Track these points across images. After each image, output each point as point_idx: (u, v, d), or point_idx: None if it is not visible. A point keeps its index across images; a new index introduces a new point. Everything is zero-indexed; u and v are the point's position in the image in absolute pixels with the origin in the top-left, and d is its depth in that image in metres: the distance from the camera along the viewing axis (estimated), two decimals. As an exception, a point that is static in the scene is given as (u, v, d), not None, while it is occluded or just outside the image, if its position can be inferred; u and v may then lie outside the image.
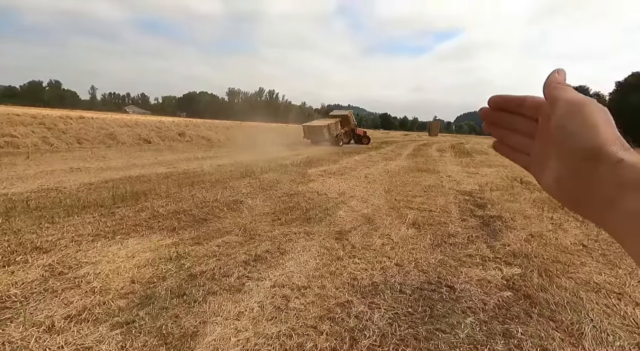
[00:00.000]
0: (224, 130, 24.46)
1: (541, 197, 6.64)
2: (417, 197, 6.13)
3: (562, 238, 4.05)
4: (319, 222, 4.35)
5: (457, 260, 3.27)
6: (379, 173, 9.08)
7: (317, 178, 7.77)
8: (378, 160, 12.78)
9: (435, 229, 4.24)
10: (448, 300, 2.51)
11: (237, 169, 8.47)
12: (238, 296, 2.43)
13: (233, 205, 4.94)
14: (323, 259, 3.16)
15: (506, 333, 2.10)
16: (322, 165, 10.17)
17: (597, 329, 2.16)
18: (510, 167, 12.21)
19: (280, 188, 6.34)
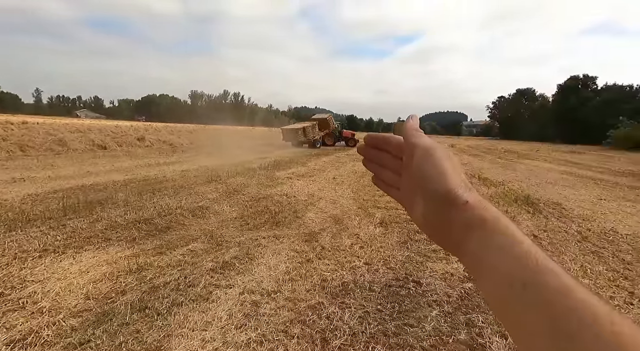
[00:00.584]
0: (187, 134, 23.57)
1: (497, 192, 7.09)
2: (384, 197, 6.28)
3: (516, 230, 4.34)
4: (288, 225, 4.32)
5: (422, 256, 3.39)
6: (347, 175, 9.20)
7: (286, 181, 7.72)
8: (346, 161, 12.96)
9: (401, 227, 4.37)
10: (415, 294, 2.59)
11: (202, 174, 8.20)
12: (205, 306, 2.34)
13: (198, 212, 4.77)
14: (293, 262, 3.14)
15: (469, 323, 2.21)
16: (291, 168, 10.13)
17: (548, 312, 2.34)
18: (469, 165, 12.92)
19: (248, 193, 6.22)
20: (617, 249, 3.71)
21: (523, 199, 6.30)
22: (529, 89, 75.04)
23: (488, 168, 11.94)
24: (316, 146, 20.08)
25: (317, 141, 20.46)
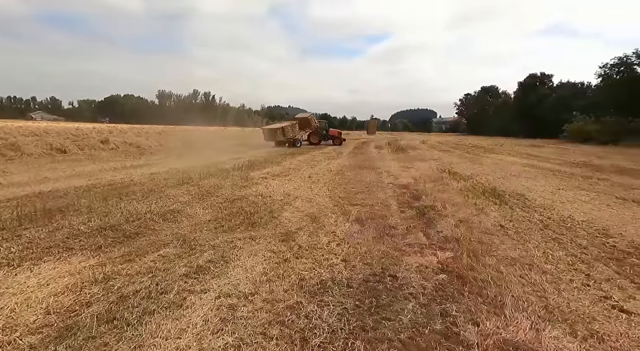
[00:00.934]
0: (155, 135, 22.60)
1: (466, 185, 7.38)
2: (359, 194, 6.36)
3: (485, 221, 4.54)
4: (264, 225, 4.26)
5: (398, 250, 3.46)
6: (322, 173, 9.22)
7: (261, 181, 7.61)
8: (321, 160, 12.99)
9: (377, 223, 4.44)
10: (392, 288, 2.64)
11: (172, 176, 7.90)
12: (179, 313, 2.25)
13: (170, 216, 4.59)
14: (270, 263, 3.09)
15: (443, 313, 2.28)
16: (265, 168, 10.00)
17: (515, 298, 2.46)
18: (439, 160, 13.36)
19: (221, 194, 6.07)
20: (575, 235, 3.97)
21: (490, 192, 6.60)
22: (492, 87, 78.73)
23: (457, 163, 12.40)
24: (296, 145, 20.23)
25: (298, 140, 20.65)
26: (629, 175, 9.92)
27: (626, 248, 3.54)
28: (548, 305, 2.36)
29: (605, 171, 10.82)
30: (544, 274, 2.88)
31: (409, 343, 1.97)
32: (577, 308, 2.32)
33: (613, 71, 36.70)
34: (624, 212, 5.11)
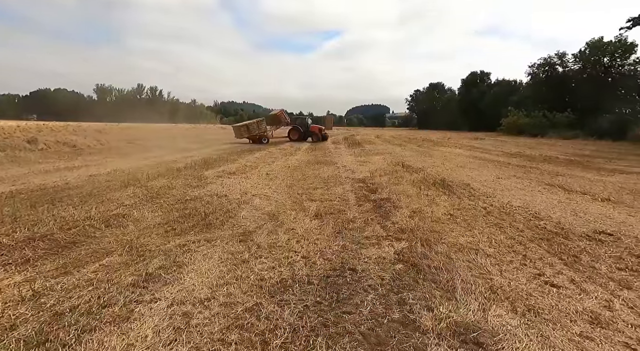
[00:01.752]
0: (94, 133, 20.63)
1: (418, 177, 7.76)
2: (317, 189, 6.38)
3: (436, 211, 4.81)
4: (220, 226, 4.09)
5: (357, 243, 3.52)
6: (280, 169, 9.11)
7: (216, 180, 7.31)
8: (278, 156, 12.82)
9: (336, 217, 4.48)
10: (351, 282, 2.67)
11: (116, 178, 7.27)
12: (126, 327, 2.07)
13: (113, 221, 4.21)
14: (227, 265, 2.97)
15: (400, 302, 2.36)
16: (220, 166, 9.62)
17: (464, 282, 2.63)
18: (393, 154, 13.89)
19: (172, 195, 5.72)
20: (513, 220, 4.36)
21: (440, 183, 7.01)
22: (439, 83, 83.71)
23: (410, 156, 13.00)
24: (262, 142, 20.32)
25: (264, 137, 20.64)
26: (554, 163, 11.16)
27: (554, 229, 3.97)
28: (492, 285, 2.55)
29: (535, 160, 12.05)
30: (488, 257, 3.12)
31: (369, 334, 2.01)
32: (516, 287, 2.54)
33: (540, 70, 40.94)
34: (552, 197, 5.73)
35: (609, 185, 6.76)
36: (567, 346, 1.83)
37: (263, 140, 20.41)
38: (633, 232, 3.78)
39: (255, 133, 20.45)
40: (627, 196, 5.73)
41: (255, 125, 20.64)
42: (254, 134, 20.41)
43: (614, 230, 3.83)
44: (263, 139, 20.44)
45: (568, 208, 4.90)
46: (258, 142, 20.36)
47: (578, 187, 6.53)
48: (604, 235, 3.70)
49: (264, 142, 20.28)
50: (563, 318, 2.11)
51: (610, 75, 35.25)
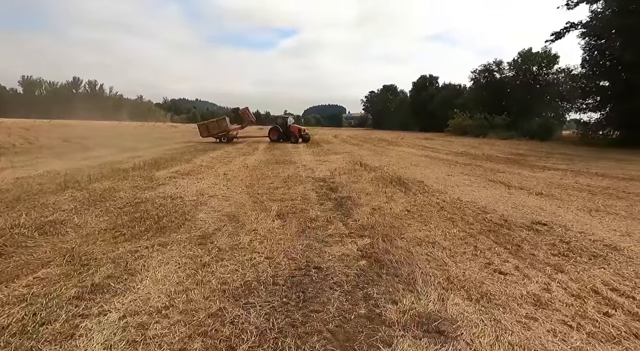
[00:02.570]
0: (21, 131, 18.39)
1: (376, 176, 8.01)
2: (278, 189, 6.29)
3: (394, 207, 5.00)
4: (176, 229, 3.85)
5: (320, 242, 3.53)
6: (237, 169, 8.84)
7: (168, 181, 6.88)
8: (235, 156, 12.45)
9: (298, 216, 4.45)
10: (317, 280, 2.67)
11: (50, 181, 6.53)
12: (69, 345, 1.85)
13: (49, 228, 3.77)
14: (186, 270, 2.81)
15: (366, 297, 2.41)
16: (173, 166, 9.09)
17: (424, 274, 2.77)
18: (351, 153, 14.19)
19: (120, 198, 5.27)
20: (463, 213, 4.68)
21: (397, 180, 7.30)
22: (392, 85, 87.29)
23: (367, 156, 13.38)
24: (222, 140, 19.91)
25: (225, 136, 20.13)
26: (495, 161, 12.21)
27: (498, 221, 4.33)
28: (449, 276, 2.71)
29: (479, 159, 13.09)
30: (444, 250, 3.31)
31: (337, 331, 2.02)
32: (470, 276, 2.72)
33: (480, 76, 44.52)
34: (495, 192, 6.25)
35: (541, 181, 7.56)
36: (516, 327, 2.01)
37: (222, 138, 19.94)
38: (562, 222, 4.26)
39: (216, 132, 20.09)
40: (555, 190, 6.45)
41: (215, 124, 20.40)
42: (213, 133, 20.09)
43: (547, 221, 4.28)
44: (222, 138, 19.94)
45: (509, 202, 5.38)
46: (219, 140, 19.97)
47: (516, 183, 7.20)
48: (539, 225, 4.12)
49: (223, 141, 19.82)
50: (511, 302, 2.31)
51: (538, 83, 39.48)
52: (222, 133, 20.02)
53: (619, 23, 18.10)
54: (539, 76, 39.68)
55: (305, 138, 21.18)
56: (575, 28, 21.52)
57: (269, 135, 21.72)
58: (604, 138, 21.48)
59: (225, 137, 19.97)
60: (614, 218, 4.45)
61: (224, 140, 19.86)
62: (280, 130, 21.12)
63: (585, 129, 23.19)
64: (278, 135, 21.08)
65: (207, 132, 20.13)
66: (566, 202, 5.43)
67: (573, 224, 4.16)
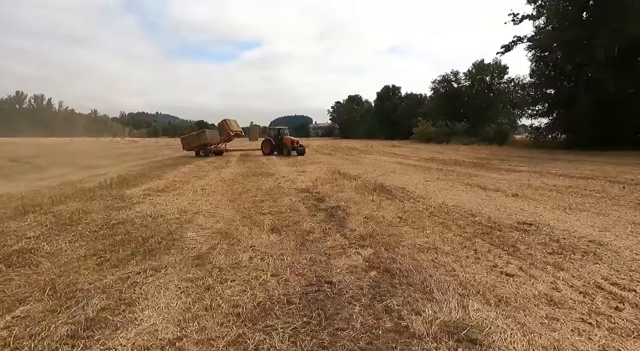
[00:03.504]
0: (-40, 150, 16.45)
1: (358, 184, 8.07)
2: (264, 202, 6.12)
3: (386, 215, 5.03)
4: (166, 251, 3.58)
5: (323, 254, 3.45)
6: (215, 183, 8.52)
7: (143, 199, 6.45)
8: (209, 170, 12.01)
9: (293, 229, 4.33)
10: (333, 295, 2.58)
11: (5, 205, 5.88)
12: (77, 394, 1.62)
13: (18, 259, 3.35)
14: (190, 295, 2.60)
15: (387, 309, 2.36)
16: (144, 183, 8.56)
17: (437, 281, 2.77)
18: (326, 163, 14.25)
19: (93, 220, 4.84)
20: (453, 218, 4.83)
21: (379, 188, 7.40)
22: (357, 96, 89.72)
23: (342, 164, 13.50)
24: (200, 154, 18.84)
25: (203, 149, 19.20)
26: (463, 166, 12.84)
27: (487, 223, 4.51)
28: (462, 281, 2.75)
29: (448, 164, 13.69)
30: (447, 255, 3.36)
31: (370, 348, 1.95)
32: (480, 280, 2.78)
33: (440, 86, 47.12)
34: (474, 195, 6.53)
35: (512, 183, 8.03)
36: (542, 329, 2.06)
37: (202, 152, 19.05)
38: (545, 221, 4.52)
39: (194, 146, 19.33)
40: (527, 190, 6.87)
41: (194, 137, 19.67)
42: (192, 146, 19.37)
43: (532, 221, 4.53)
44: (202, 152, 19.06)
45: (491, 204, 5.64)
46: (197, 154, 19.10)
47: (491, 185, 7.59)
48: (526, 225, 4.34)
49: (202, 154, 18.94)
50: (527, 303, 2.37)
51: (492, 91, 42.55)
52: (201, 147, 19.20)
53: (558, 37, 20.09)
54: (492, 85, 42.80)
55: (300, 151, 19.31)
56: (522, 41, 23.57)
57: (261, 148, 20.71)
58: (552, 141, 23.47)
59: (204, 150, 19.11)
60: (587, 215, 4.81)
61: (203, 153, 18.97)
62: (273, 143, 19.83)
63: (537, 133, 25.24)
64: (271, 147, 19.85)
65: (188, 145, 19.51)
66: (541, 201, 5.80)
67: (555, 223, 4.43)
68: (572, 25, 18.91)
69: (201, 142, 19.22)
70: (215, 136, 19.80)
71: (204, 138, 19.21)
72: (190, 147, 19.54)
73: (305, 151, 19.65)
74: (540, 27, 22.08)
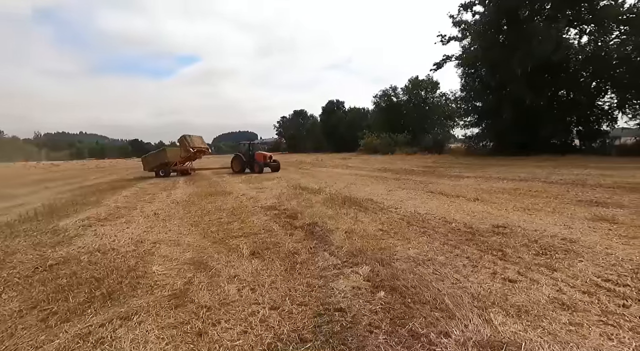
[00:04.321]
0: None
1: (325, 198, 7.90)
2: (231, 223, 5.61)
3: (367, 228, 4.91)
4: (131, 292, 2.98)
5: (319, 278, 3.16)
6: (168, 207, 7.68)
7: (84, 230, 5.50)
8: (156, 192, 10.89)
9: (276, 252, 3.97)
10: (348, 325, 2.32)
11: None
12: None
13: None
14: (180, 346, 2.12)
15: (413, 334, 2.17)
16: (80, 212, 7.39)
17: (449, 295, 2.67)
18: (283, 178, 13.89)
19: (21, 262, 3.93)
20: (432, 226, 4.88)
21: (347, 200, 7.31)
22: (302, 110, 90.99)
23: (300, 178, 13.27)
24: (160, 175, 17.48)
25: (163, 169, 17.55)
26: (415, 174, 13.49)
27: (465, 229, 4.63)
28: (472, 293, 2.68)
29: (401, 173, 14.30)
30: (444, 266, 3.31)
31: (414, 383, 1.73)
32: (489, 289, 2.74)
33: (381, 100, 50.01)
34: (440, 202, 6.78)
35: (467, 188, 8.56)
36: (573, 337, 2.03)
37: (161, 172, 17.43)
38: (513, 223, 4.79)
39: (153, 166, 17.72)
40: (484, 195, 7.35)
41: (153, 157, 18.07)
42: (151, 166, 17.77)
43: (503, 223, 4.76)
44: (161, 172, 17.43)
45: (459, 210, 5.87)
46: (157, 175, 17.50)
47: (450, 192, 7.99)
48: (500, 228, 4.54)
49: (161, 175, 17.32)
50: (544, 310, 2.36)
51: (427, 105, 46.35)
52: (161, 166, 17.48)
53: (482, 57, 22.69)
54: (427, 99, 46.67)
55: (273, 167, 17.60)
56: (450, 60, 26.13)
57: (231, 166, 18.71)
58: (483, 149, 26.09)
59: (164, 170, 17.39)
60: (545, 214, 5.23)
61: (162, 173, 17.29)
62: (244, 159, 17.91)
63: (469, 142, 27.89)
64: (241, 164, 17.88)
65: (149, 165, 17.97)
66: (501, 204, 6.21)
67: (523, 224, 4.71)
68: (493, 46, 21.53)
69: (160, 161, 17.53)
70: (177, 154, 18.05)
71: (164, 157, 17.54)
72: (150, 167, 17.84)
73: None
74: (466, 47, 24.75)
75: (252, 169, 17.58)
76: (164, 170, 17.54)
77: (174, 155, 17.85)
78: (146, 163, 18.18)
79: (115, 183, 14.98)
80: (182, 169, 18.32)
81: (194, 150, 17.62)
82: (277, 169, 17.68)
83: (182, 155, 17.78)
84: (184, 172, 18.41)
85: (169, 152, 17.91)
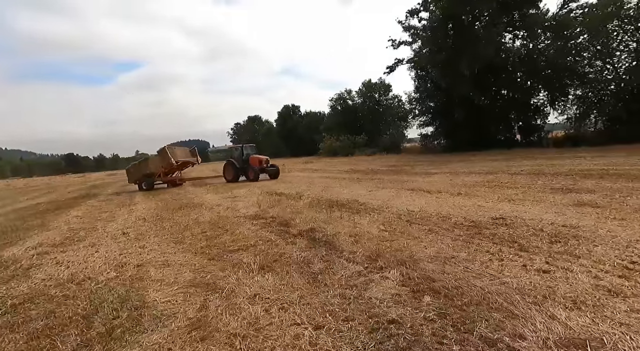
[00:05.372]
0: None
1: (308, 202, 7.62)
2: (219, 236, 5.12)
3: (370, 230, 4.74)
4: (136, 326, 2.47)
5: (349, 287, 2.91)
6: (135, 224, 6.86)
7: (40, 259, 4.66)
8: (113, 209, 9.76)
9: (286, 264, 3.63)
10: (411, 338, 2.10)
11: None
12: None
13: None
14: (232, 392, 1.75)
15: (486, 340, 1.99)
16: (26, 238, 6.31)
17: (496, 293, 2.59)
18: (254, 185, 13.30)
19: (-31, 307, 3.13)
20: (434, 222, 4.86)
21: (335, 203, 7.12)
22: (257, 116, 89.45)
23: (271, 185, 12.81)
24: (142, 188, 15.62)
25: (144, 182, 15.68)
26: (385, 174, 13.75)
27: (467, 223, 4.68)
28: (517, 288, 2.62)
29: (371, 173, 14.50)
30: (470, 262, 3.25)
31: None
32: (530, 283, 2.70)
33: (337, 103, 50.88)
34: (426, 199, 6.87)
35: (442, 184, 8.85)
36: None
37: (143, 185, 15.59)
38: (509, 213, 4.96)
39: (136, 178, 16.12)
40: (464, 189, 7.62)
41: (136, 168, 16.36)
42: (134, 179, 16.18)
43: (499, 215, 4.91)
44: (143, 184, 15.60)
45: (449, 205, 5.98)
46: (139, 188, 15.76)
47: (430, 188, 8.18)
48: (500, 219, 4.66)
49: (144, 187, 15.49)
50: (599, 300, 2.33)
51: (381, 107, 48.10)
52: (143, 178, 15.75)
53: (432, 60, 24.07)
54: (380, 102, 48.43)
55: (272, 172, 15.62)
56: (402, 63, 27.35)
57: (224, 174, 16.71)
58: (438, 146, 27.65)
59: (147, 182, 15.56)
60: (532, 204, 5.51)
61: (146, 186, 15.46)
62: (237, 165, 15.92)
63: (425, 141, 29.40)
64: (234, 172, 15.91)
65: (132, 177, 16.45)
66: (486, 197, 6.45)
67: (517, 214, 4.89)
68: (442, 49, 22.94)
69: (142, 172, 15.76)
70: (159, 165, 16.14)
71: (146, 168, 15.79)
72: (134, 179, 16.21)
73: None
74: (417, 51, 26.09)
75: (247, 176, 15.67)
76: (147, 182, 15.69)
77: (157, 165, 16.02)
78: (130, 176, 16.45)
79: (58, 202, 13.21)
80: (169, 180, 16.58)
81: (177, 164, 15.83)
82: (277, 175, 15.74)
83: (163, 165, 15.79)
84: (172, 182, 16.63)
85: (151, 163, 16.11)
